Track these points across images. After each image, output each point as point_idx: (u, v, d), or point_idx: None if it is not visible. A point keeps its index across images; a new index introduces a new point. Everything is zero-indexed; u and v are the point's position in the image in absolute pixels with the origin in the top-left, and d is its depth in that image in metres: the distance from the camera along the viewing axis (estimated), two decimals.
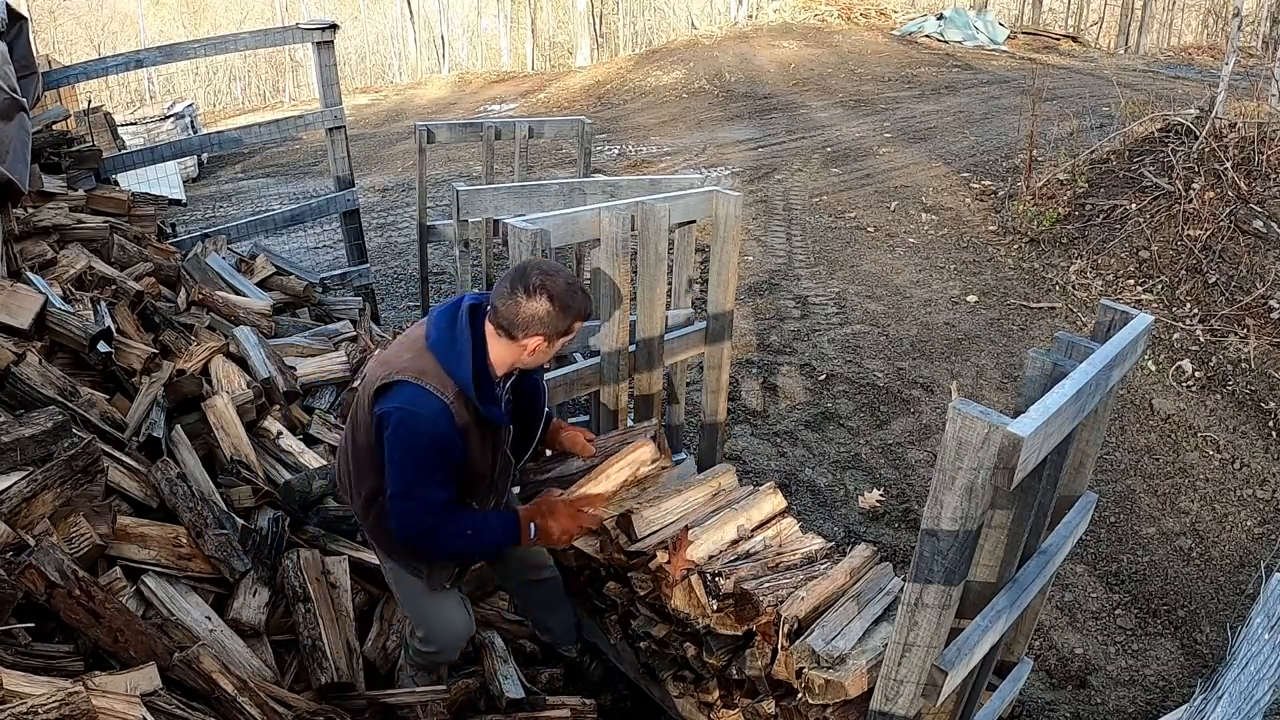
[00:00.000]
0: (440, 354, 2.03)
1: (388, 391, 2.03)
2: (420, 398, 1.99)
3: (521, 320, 2.01)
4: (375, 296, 6.39)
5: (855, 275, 6.92)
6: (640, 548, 2.52)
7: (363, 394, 2.14)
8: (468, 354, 2.03)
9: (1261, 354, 5.06)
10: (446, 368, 2.02)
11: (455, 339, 2.04)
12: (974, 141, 10.30)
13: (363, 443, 2.15)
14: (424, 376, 2.00)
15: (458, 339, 2.04)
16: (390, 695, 2.39)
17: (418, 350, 2.06)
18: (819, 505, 4.28)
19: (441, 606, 2.38)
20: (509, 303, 2.00)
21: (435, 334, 2.06)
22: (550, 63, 27.92)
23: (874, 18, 19.80)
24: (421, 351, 2.05)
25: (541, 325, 2.02)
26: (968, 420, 1.50)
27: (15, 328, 2.76)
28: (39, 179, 4.30)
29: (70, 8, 27.54)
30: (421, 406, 1.99)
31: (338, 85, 5.49)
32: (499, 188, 3.67)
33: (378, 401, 2.05)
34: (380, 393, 2.04)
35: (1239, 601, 3.68)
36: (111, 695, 1.79)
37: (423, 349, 2.06)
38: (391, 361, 2.08)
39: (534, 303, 1.99)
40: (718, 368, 3.26)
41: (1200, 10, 25.63)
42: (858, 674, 2.04)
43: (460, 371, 2.02)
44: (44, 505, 2.16)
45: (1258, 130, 6.24)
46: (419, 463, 2.01)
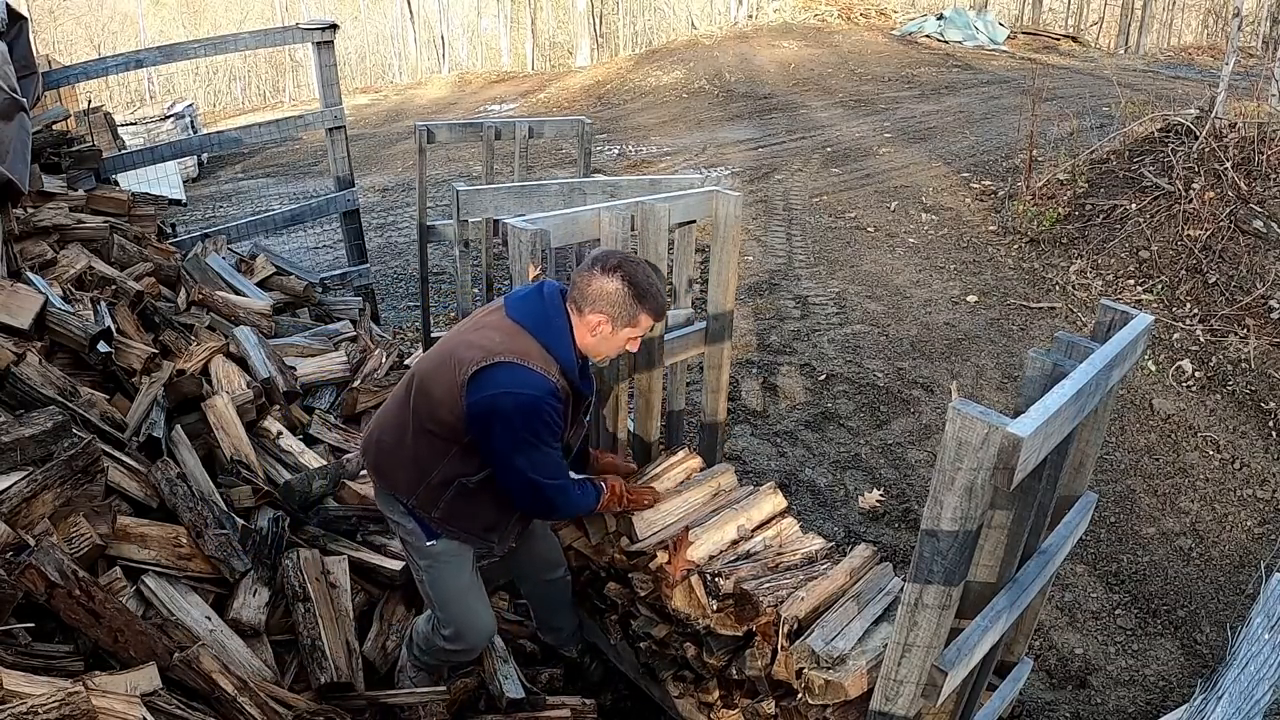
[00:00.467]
0: (540, 334, 2.07)
1: (487, 374, 2.02)
2: (528, 377, 2.02)
3: (590, 294, 2.06)
4: (375, 296, 6.38)
5: (855, 275, 6.91)
6: (641, 548, 2.52)
7: (440, 379, 2.10)
8: (569, 334, 2.09)
9: (1261, 354, 5.06)
10: (549, 347, 2.06)
11: (551, 319, 2.09)
12: (974, 141, 10.30)
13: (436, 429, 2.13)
14: (527, 357, 2.03)
15: (554, 319, 2.09)
16: (391, 695, 2.40)
17: (511, 333, 2.08)
18: (819, 505, 4.28)
19: (472, 603, 2.40)
20: (584, 275, 2.07)
21: (527, 316, 2.09)
22: (550, 63, 27.92)
23: (874, 18, 19.80)
24: (516, 333, 2.07)
25: (608, 303, 2.06)
26: (968, 420, 1.50)
27: (15, 328, 2.77)
28: (39, 179, 4.30)
29: (70, 8, 27.54)
30: (531, 386, 2.02)
31: (338, 85, 5.49)
32: (499, 188, 3.67)
33: (475, 386, 2.03)
34: (478, 376, 2.03)
35: (1239, 601, 3.68)
36: (111, 695, 1.79)
37: (516, 330, 2.08)
38: (483, 344, 2.06)
39: (607, 279, 2.04)
40: (718, 368, 3.26)
41: (1200, 10, 25.63)
42: (858, 674, 2.04)
43: (563, 351, 2.08)
44: (44, 505, 2.16)
45: (1258, 130, 6.23)
46: (542, 437, 2.06)
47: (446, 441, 2.14)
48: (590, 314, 2.08)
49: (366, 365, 3.98)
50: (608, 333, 2.10)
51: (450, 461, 2.17)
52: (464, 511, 2.26)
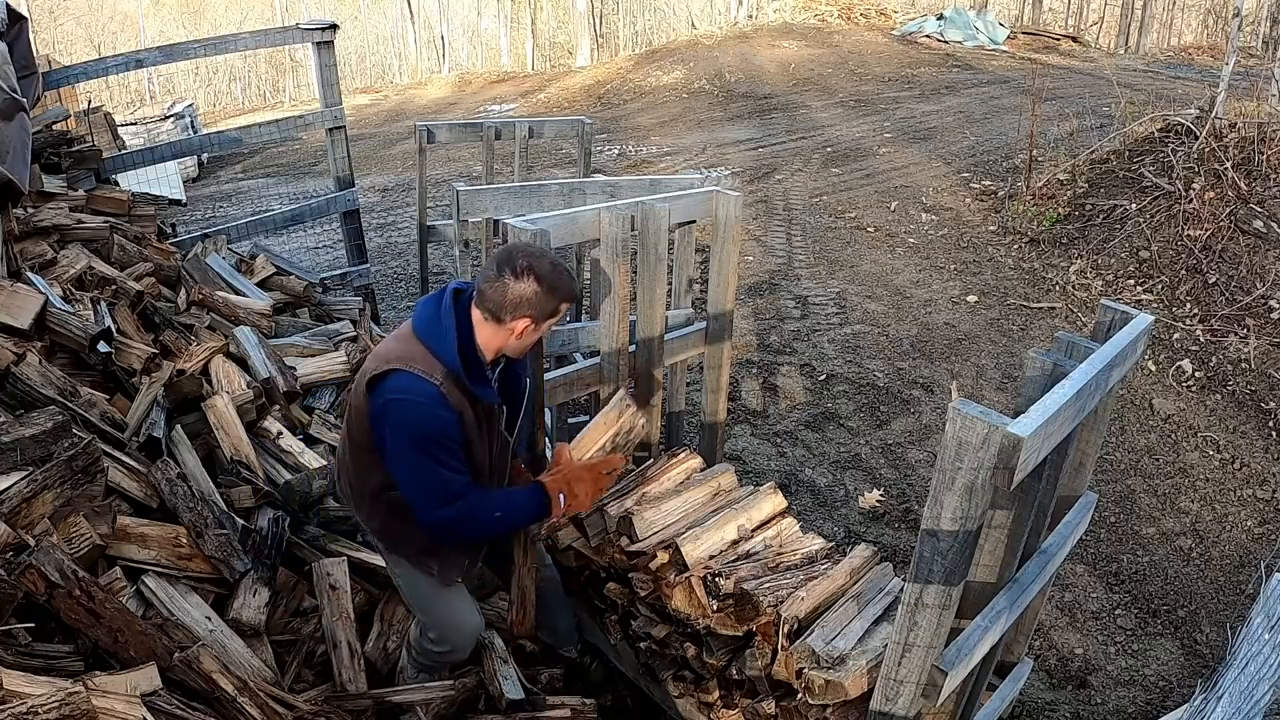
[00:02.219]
0: (426, 338, 2.03)
1: (379, 383, 2.02)
2: (411, 383, 1.98)
3: (509, 302, 1.99)
4: (375, 296, 6.38)
5: (855, 275, 6.91)
6: (641, 548, 2.52)
7: (357, 389, 2.14)
8: (453, 335, 2.02)
9: (1261, 354, 5.05)
10: (433, 350, 2.01)
11: (439, 321, 2.04)
12: (974, 141, 10.30)
13: (361, 439, 2.15)
14: (412, 362, 2.00)
15: (442, 321, 2.03)
16: (395, 693, 2.40)
17: (404, 338, 2.08)
18: (819, 505, 4.28)
19: (452, 604, 2.38)
20: (495, 285, 1.99)
21: (420, 320, 2.07)
22: (550, 63, 27.91)
23: (874, 18, 19.80)
24: (408, 338, 2.06)
25: (530, 307, 2.01)
26: (968, 420, 1.50)
27: (15, 328, 2.76)
28: (39, 179, 4.30)
29: (70, 8, 27.54)
30: (415, 392, 1.98)
31: (338, 85, 5.48)
32: (499, 188, 3.67)
33: (371, 395, 2.05)
34: (372, 385, 2.04)
35: (1239, 601, 3.68)
36: (112, 695, 1.79)
37: (409, 335, 2.07)
38: (380, 353, 2.09)
39: (521, 284, 1.98)
40: (718, 368, 3.26)
41: (1200, 10, 25.62)
42: (858, 674, 2.04)
43: (446, 352, 2.01)
44: (44, 505, 2.16)
45: (1258, 130, 6.23)
46: (427, 449, 2.00)
47: (372, 453, 2.13)
48: (513, 321, 2.02)
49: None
50: (532, 331, 2.07)
51: (376, 473, 2.16)
52: (397, 529, 2.24)
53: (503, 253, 2.05)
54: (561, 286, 2.04)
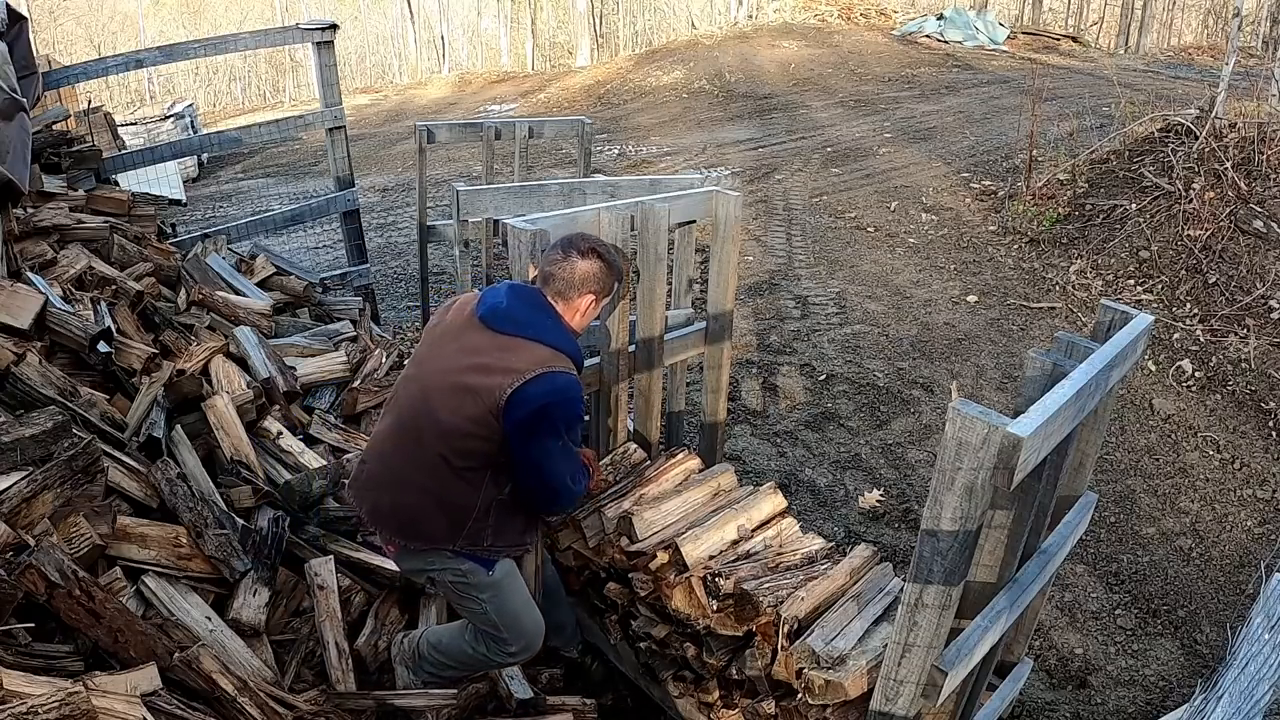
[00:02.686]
0: (549, 339, 2.15)
1: (523, 393, 2.07)
2: (565, 383, 2.12)
3: (578, 279, 2.19)
4: (375, 296, 6.38)
5: (855, 275, 6.91)
6: (640, 548, 2.52)
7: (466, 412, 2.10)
8: (566, 329, 2.21)
9: (1261, 354, 5.05)
10: (560, 349, 2.16)
11: (553, 323, 2.19)
12: (974, 141, 10.30)
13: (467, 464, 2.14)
14: (553, 364, 2.11)
15: (555, 322, 2.19)
16: (398, 696, 2.39)
17: (519, 347, 2.12)
18: (819, 505, 4.28)
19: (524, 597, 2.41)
20: (564, 265, 2.18)
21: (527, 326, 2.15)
22: (550, 63, 27.91)
23: (874, 18, 19.81)
24: (524, 345, 2.13)
25: (595, 282, 2.21)
26: (967, 421, 1.50)
27: (15, 328, 2.76)
28: (39, 179, 4.30)
29: (70, 8, 27.55)
30: (570, 390, 2.13)
31: (338, 85, 5.49)
32: (499, 188, 3.67)
33: (513, 407, 2.07)
34: (514, 397, 2.06)
35: (1239, 601, 3.68)
36: (112, 695, 1.79)
37: (523, 343, 2.13)
38: (504, 367, 2.10)
39: (587, 262, 2.19)
40: (718, 368, 3.26)
41: (1200, 10, 25.62)
42: (858, 674, 2.04)
43: (571, 346, 2.20)
44: (44, 505, 2.16)
45: (1258, 130, 6.23)
46: (575, 439, 2.24)
47: (479, 471, 2.17)
48: (579, 298, 2.21)
49: (366, 365, 3.98)
50: (593, 307, 2.26)
51: (486, 489, 2.21)
52: (508, 527, 2.29)
53: (564, 239, 2.25)
54: (618, 264, 2.29)
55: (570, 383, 2.14)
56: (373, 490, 2.29)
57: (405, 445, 2.22)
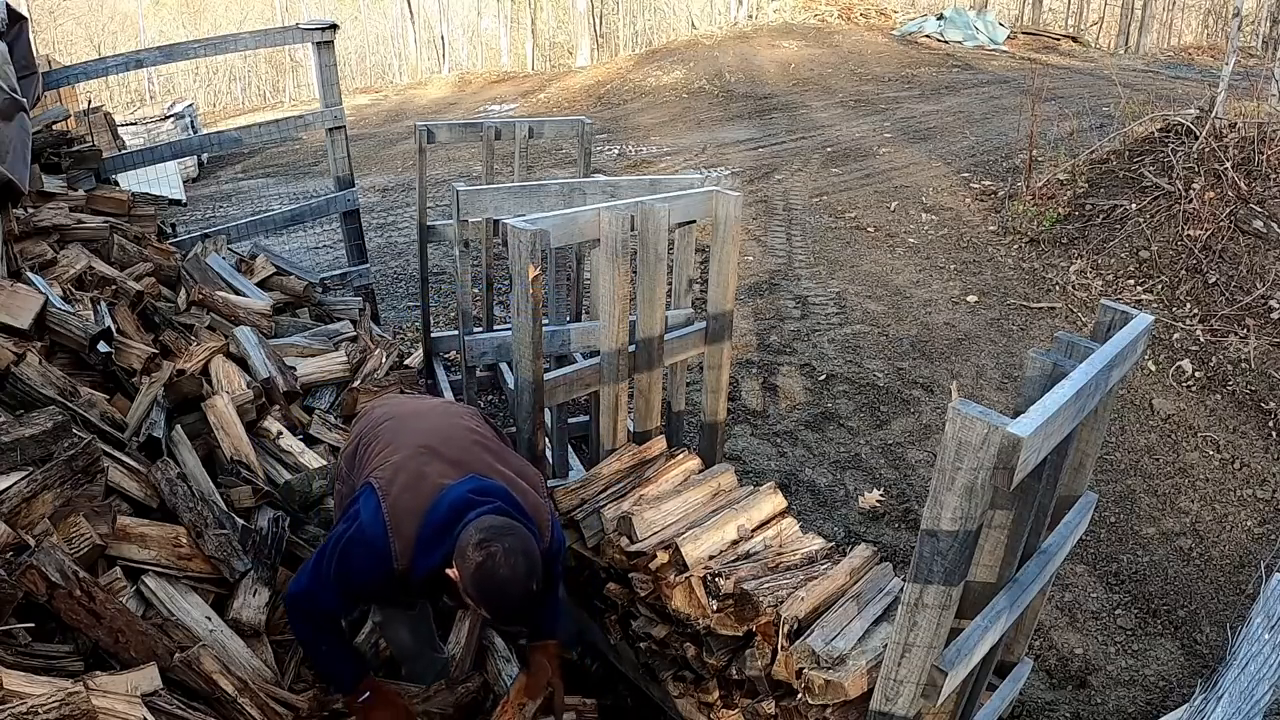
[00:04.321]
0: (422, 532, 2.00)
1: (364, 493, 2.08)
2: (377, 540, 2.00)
3: (458, 549, 1.91)
4: (375, 296, 6.38)
5: (855, 275, 6.91)
6: (640, 548, 2.52)
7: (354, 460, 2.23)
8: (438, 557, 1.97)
9: (1261, 354, 5.05)
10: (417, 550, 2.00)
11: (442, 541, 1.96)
12: (974, 141, 10.30)
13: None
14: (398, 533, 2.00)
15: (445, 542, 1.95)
16: (395, 685, 2.39)
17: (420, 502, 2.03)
18: (819, 505, 4.28)
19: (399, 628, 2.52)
20: (467, 534, 1.91)
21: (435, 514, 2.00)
22: (550, 63, 27.91)
23: (874, 18, 19.81)
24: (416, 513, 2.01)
25: (462, 568, 1.89)
26: (967, 421, 1.50)
27: (15, 328, 2.76)
28: (39, 179, 4.30)
29: (70, 8, 27.55)
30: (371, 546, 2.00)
31: (338, 85, 5.48)
32: (499, 188, 3.66)
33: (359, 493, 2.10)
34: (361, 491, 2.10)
35: (1239, 601, 3.68)
36: (112, 695, 1.79)
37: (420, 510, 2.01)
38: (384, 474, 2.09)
39: (472, 553, 1.86)
40: (718, 368, 3.26)
41: (1200, 10, 25.62)
42: (858, 674, 2.04)
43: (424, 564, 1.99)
44: (44, 505, 2.16)
45: (1258, 130, 6.23)
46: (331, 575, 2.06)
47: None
48: (453, 565, 1.92)
49: (366, 365, 3.98)
50: (459, 585, 1.93)
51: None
52: None
53: (490, 529, 1.89)
54: (488, 600, 1.89)
55: (379, 551, 1.97)
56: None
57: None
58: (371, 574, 2.00)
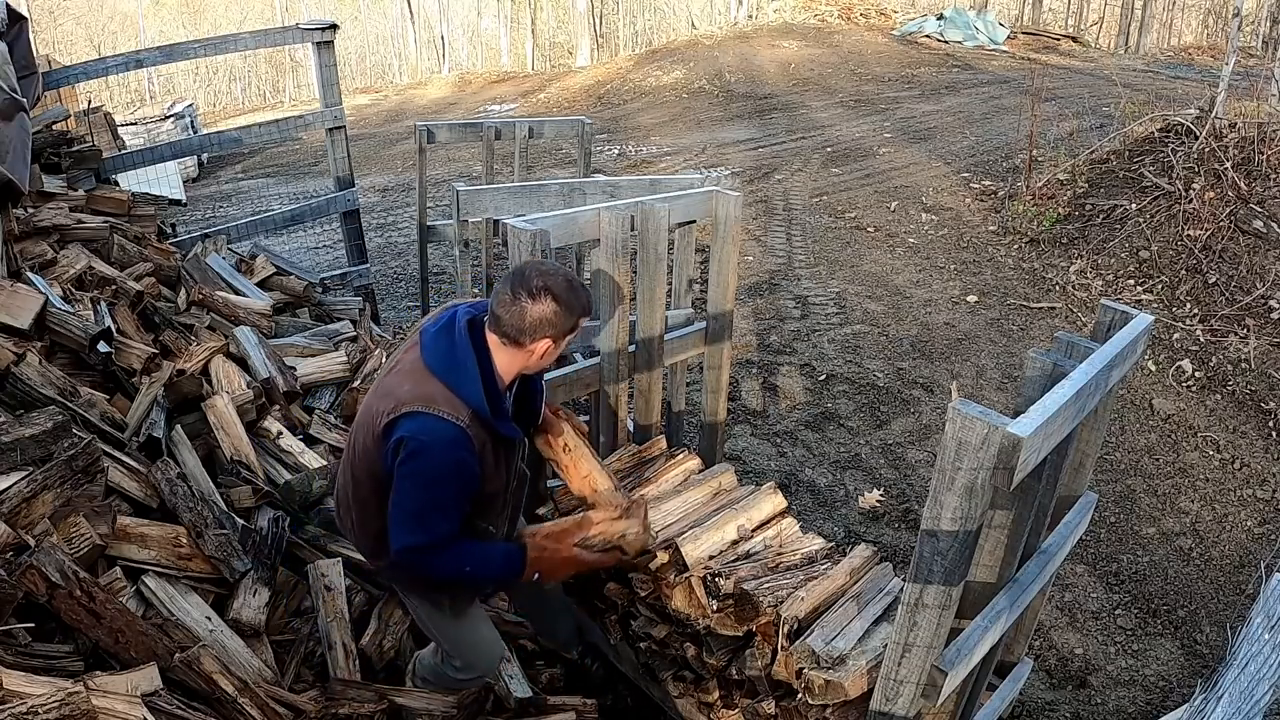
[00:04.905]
0: (445, 375, 1.94)
1: (395, 425, 1.92)
2: (434, 426, 1.89)
3: (529, 325, 1.93)
4: (375, 296, 6.38)
5: (855, 275, 6.91)
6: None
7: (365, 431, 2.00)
8: (475, 372, 1.94)
9: (1261, 354, 5.06)
10: (454, 389, 1.93)
11: (459, 358, 1.95)
12: (974, 141, 10.30)
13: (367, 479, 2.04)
14: (432, 403, 1.90)
15: (461, 358, 1.95)
16: (400, 693, 2.39)
17: (418, 375, 1.95)
18: (819, 505, 4.28)
19: (474, 630, 2.35)
20: (513, 309, 1.93)
21: (435, 355, 1.97)
22: (550, 63, 27.91)
23: (874, 18, 19.81)
24: (423, 375, 1.95)
25: (550, 327, 1.95)
26: (967, 421, 1.50)
27: (15, 328, 2.76)
28: (39, 179, 4.30)
29: (70, 8, 27.55)
30: (437, 435, 1.89)
31: (338, 85, 5.48)
32: (499, 188, 3.67)
33: (387, 437, 1.93)
34: (389, 428, 1.92)
35: (1239, 601, 3.68)
36: (112, 695, 1.80)
37: (425, 374, 1.95)
38: (394, 393, 1.95)
39: (539, 305, 1.92)
40: (718, 368, 3.26)
41: (1200, 10, 25.62)
42: (858, 674, 2.04)
43: (471, 392, 1.93)
44: (44, 505, 2.16)
45: (1258, 130, 6.23)
46: (432, 493, 1.92)
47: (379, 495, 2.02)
48: (533, 343, 1.96)
49: (366, 365, 3.98)
50: (553, 350, 2.02)
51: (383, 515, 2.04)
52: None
53: (515, 274, 1.96)
54: (578, 303, 1.98)
55: (446, 435, 1.89)
56: (338, 507, 2.27)
57: (345, 464, 2.17)
58: (458, 455, 1.91)
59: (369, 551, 2.23)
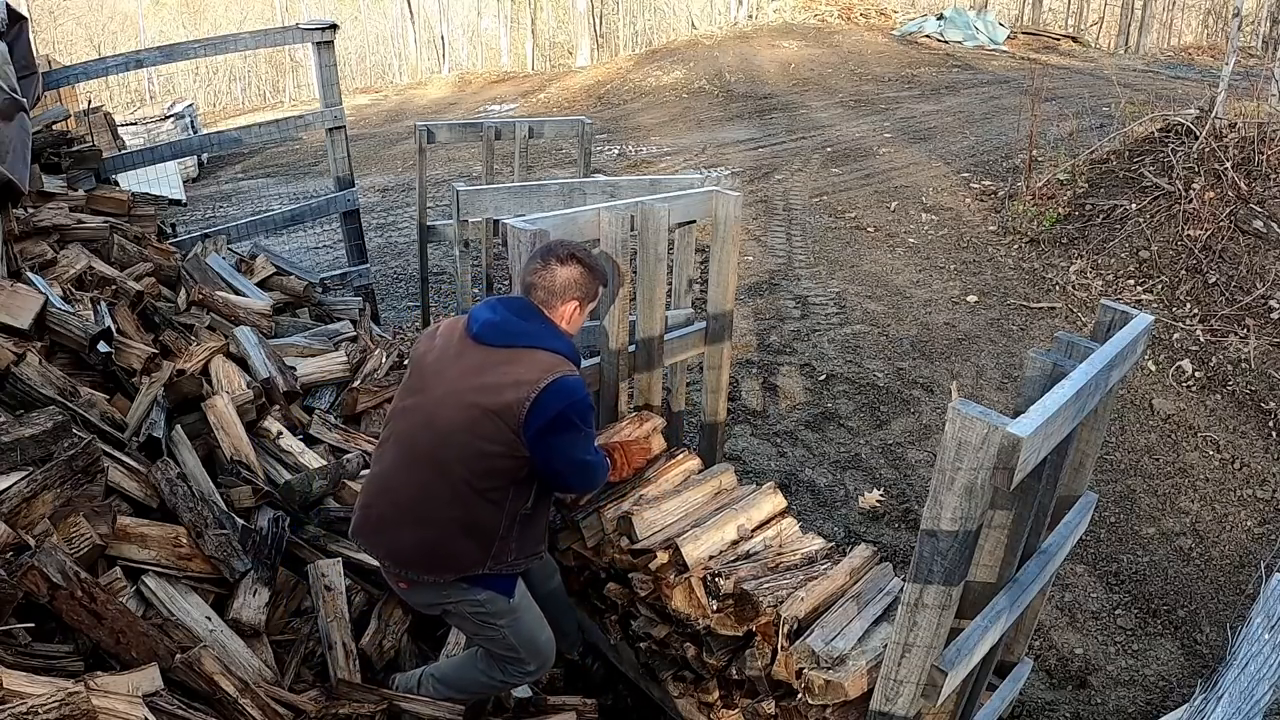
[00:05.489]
0: (550, 344, 2.15)
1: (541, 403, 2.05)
2: (574, 385, 2.12)
3: (559, 286, 2.18)
4: (375, 296, 6.38)
5: (855, 275, 6.91)
6: (640, 548, 2.52)
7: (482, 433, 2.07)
8: (558, 331, 2.21)
9: (1261, 354, 5.06)
10: (561, 353, 2.16)
11: (549, 330, 2.19)
12: (974, 141, 10.30)
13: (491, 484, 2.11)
14: (558, 370, 2.10)
15: (551, 329, 2.19)
16: (404, 699, 2.39)
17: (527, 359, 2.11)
18: (819, 505, 4.28)
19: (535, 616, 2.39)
20: (544, 274, 2.18)
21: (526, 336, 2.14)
22: (550, 63, 27.91)
23: (874, 18, 19.81)
24: (531, 356, 2.11)
25: (576, 288, 2.20)
26: (967, 421, 1.50)
27: (15, 328, 2.77)
28: (39, 179, 4.30)
29: (70, 8, 27.55)
30: (579, 390, 2.13)
31: (338, 85, 5.49)
32: (499, 188, 3.67)
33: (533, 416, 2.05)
34: (534, 408, 2.05)
35: (1239, 601, 3.68)
36: (113, 695, 1.80)
37: (528, 353, 2.11)
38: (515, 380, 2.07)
39: (567, 269, 2.18)
40: (718, 368, 3.26)
41: (1200, 10, 25.63)
42: (858, 674, 2.04)
43: (568, 348, 2.20)
44: (44, 505, 2.16)
45: (1258, 130, 6.23)
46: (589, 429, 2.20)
47: (503, 490, 2.13)
48: (563, 305, 2.20)
49: (366, 365, 3.98)
50: (578, 314, 2.26)
51: (510, 505, 2.16)
52: (529, 536, 2.27)
53: (543, 248, 2.24)
54: (599, 267, 2.27)
55: (578, 383, 2.14)
56: (388, 531, 2.20)
57: (419, 478, 2.15)
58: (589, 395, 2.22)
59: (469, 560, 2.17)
